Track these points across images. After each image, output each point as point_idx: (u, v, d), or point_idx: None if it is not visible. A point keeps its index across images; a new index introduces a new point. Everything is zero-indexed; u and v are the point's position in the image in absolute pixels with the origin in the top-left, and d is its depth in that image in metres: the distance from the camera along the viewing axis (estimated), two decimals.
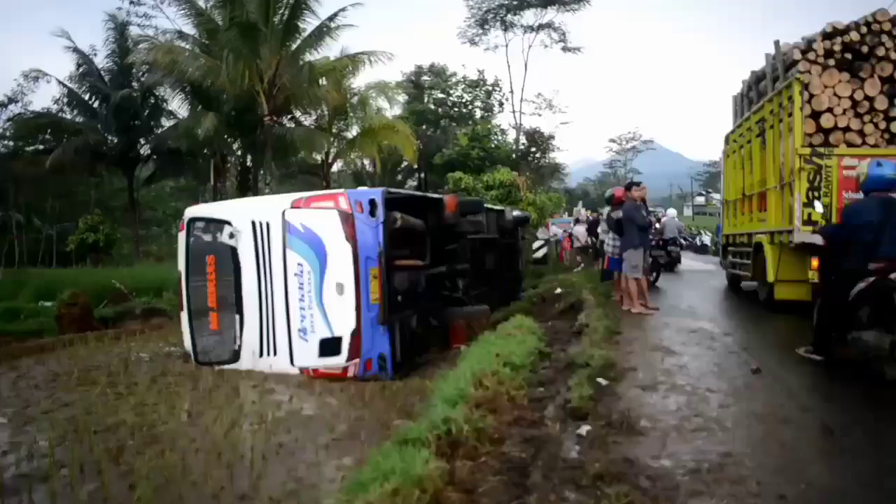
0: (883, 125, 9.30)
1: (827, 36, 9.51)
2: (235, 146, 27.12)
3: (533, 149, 39.41)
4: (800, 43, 9.96)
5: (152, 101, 27.79)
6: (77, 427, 6.35)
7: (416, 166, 39.23)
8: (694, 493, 3.41)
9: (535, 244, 24.65)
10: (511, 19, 39.09)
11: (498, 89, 42.11)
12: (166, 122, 28.07)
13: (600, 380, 5.61)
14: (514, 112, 41.18)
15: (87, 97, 27.53)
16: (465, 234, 11.64)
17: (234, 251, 9.50)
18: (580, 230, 21.40)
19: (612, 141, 77.95)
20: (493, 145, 33.21)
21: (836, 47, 9.39)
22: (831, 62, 9.37)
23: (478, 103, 42.51)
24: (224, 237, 9.62)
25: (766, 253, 10.35)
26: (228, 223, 9.58)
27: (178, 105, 26.57)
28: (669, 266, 16.37)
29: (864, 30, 9.41)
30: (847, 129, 9.31)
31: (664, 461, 3.85)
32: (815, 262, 8.48)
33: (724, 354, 6.96)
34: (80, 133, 25.36)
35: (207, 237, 9.86)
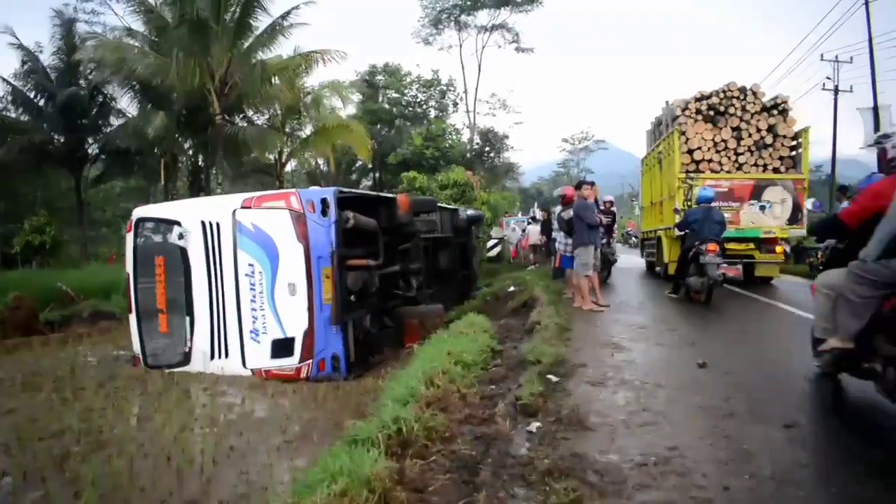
0: (733, 158, 13.94)
1: (697, 99, 14.22)
2: (186, 145, 26.61)
3: (487, 148, 39.49)
4: (681, 103, 14.49)
5: (100, 99, 27.03)
6: (20, 434, 6.19)
7: (370, 166, 39.08)
8: (641, 487, 3.46)
9: (490, 243, 24.79)
10: (465, 19, 39.18)
11: (452, 89, 42.11)
12: (115, 121, 27.30)
13: (551, 376, 5.67)
14: (468, 112, 41.30)
15: (32, 95, 26.66)
16: (418, 234, 11.63)
17: (183, 252, 9.37)
18: (534, 229, 21.63)
19: (565, 141, 78.63)
20: (447, 145, 33.24)
21: (703, 107, 14.15)
22: (700, 117, 14.11)
23: (432, 103, 42.38)
24: (173, 238, 9.48)
25: (663, 243, 15.00)
26: (178, 223, 9.45)
27: (127, 103, 25.94)
28: None
29: (721, 95, 14.17)
30: (710, 161, 13.90)
31: (612, 455, 3.90)
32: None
33: (672, 349, 7.09)
34: (25, 132, 24.44)
35: (156, 238, 9.73)
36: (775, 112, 14.01)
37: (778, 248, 13.52)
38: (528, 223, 25.41)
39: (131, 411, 7.31)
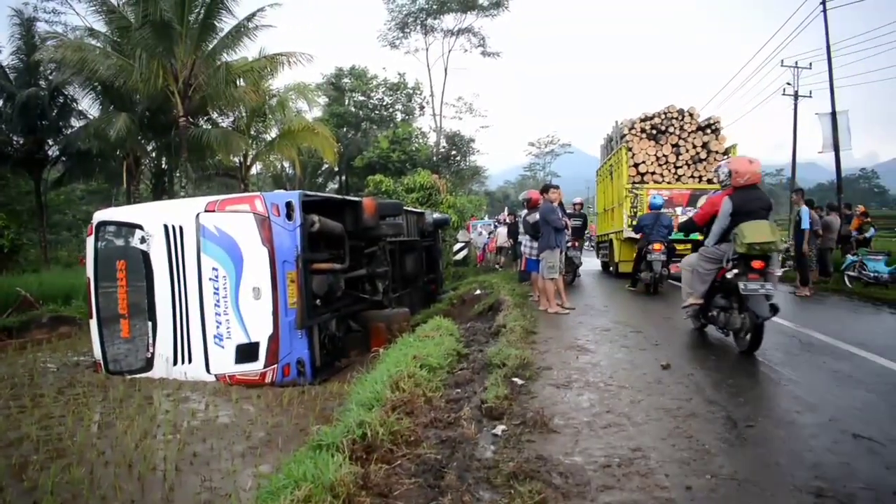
0: (673, 171, 15.94)
1: (642, 120, 16.24)
2: (150, 148, 26.27)
3: (453, 152, 39.59)
4: (628, 123, 16.51)
5: (61, 100, 26.53)
6: None
7: (336, 169, 38.94)
8: (605, 488, 3.49)
9: (456, 246, 24.80)
10: (431, 23, 39.27)
11: (419, 92, 42.23)
12: (76, 123, 26.82)
13: (516, 379, 5.69)
14: (434, 115, 41.41)
15: None
16: (384, 237, 11.62)
17: (145, 256, 9.29)
18: (502, 232, 21.79)
19: (532, 144, 79.06)
20: (413, 148, 33.28)
21: (647, 126, 16.17)
22: (644, 135, 16.09)
23: (398, 106, 42.51)
24: (135, 241, 9.39)
25: (614, 245, 17.14)
26: (140, 227, 9.36)
27: (88, 105, 25.57)
28: None
29: (662, 116, 16.24)
30: (653, 173, 15.89)
31: (576, 457, 3.93)
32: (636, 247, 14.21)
33: (636, 351, 7.15)
34: None
35: (118, 242, 9.63)
36: (709, 131, 16.20)
37: None
38: (495, 226, 25.55)
39: (92, 418, 7.18)
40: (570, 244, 13.01)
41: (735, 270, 6.93)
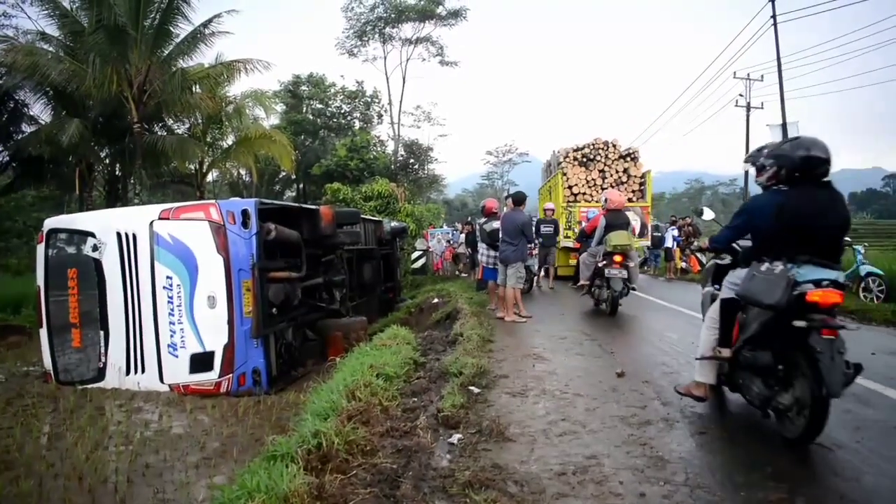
0: (599, 191, 18.04)
1: (575, 150, 19.52)
2: (103, 154, 25.71)
3: (411, 160, 39.61)
4: (563, 151, 19.73)
5: (11, 105, 25.88)
6: None
7: (294, 177, 38.64)
8: (559, 496, 3.52)
9: (414, 254, 24.85)
10: (389, 32, 39.25)
11: (377, 101, 42.12)
12: (27, 128, 26.14)
13: (472, 388, 5.72)
14: (392, 123, 41.30)
15: None
16: (341, 245, 11.57)
17: (98, 264, 9.12)
18: (461, 239, 22.08)
19: (489, 153, 79.28)
20: (371, 156, 33.16)
21: (579, 155, 19.47)
22: (576, 162, 19.35)
23: (357, 114, 42.28)
24: (87, 249, 9.22)
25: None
26: (92, 235, 9.20)
27: (40, 110, 24.86)
28: None
29: (591, 147, 19.45)
30: (584, 194, 18.90)
31: (532, 466, 3.96)
32: (574, 256, 16.62)
33: (591, 359, 7.24)
34: None
35: (69, 249, 9.44)
36: (629, 159, 19.50)
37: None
38: (453, 234, 25.81)
39: (41, 430, 7.04)
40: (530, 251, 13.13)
41: (604, 262, 10.57)
